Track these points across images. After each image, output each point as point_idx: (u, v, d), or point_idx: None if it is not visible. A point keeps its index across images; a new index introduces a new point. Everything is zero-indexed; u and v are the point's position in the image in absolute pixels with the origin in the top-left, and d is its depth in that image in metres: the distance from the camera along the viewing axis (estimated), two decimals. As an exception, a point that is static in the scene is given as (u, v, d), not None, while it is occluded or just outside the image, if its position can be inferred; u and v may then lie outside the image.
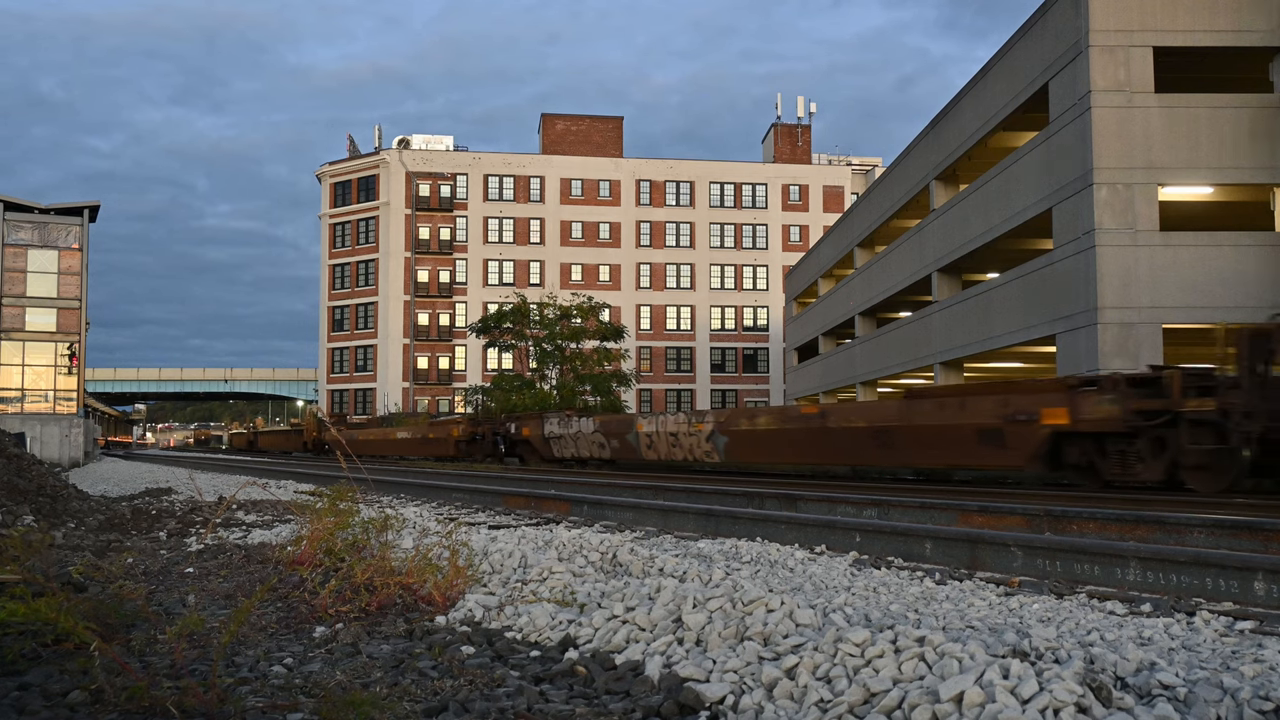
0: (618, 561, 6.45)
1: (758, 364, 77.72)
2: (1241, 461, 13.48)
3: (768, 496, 12.59)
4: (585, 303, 50.38)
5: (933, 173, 32.28)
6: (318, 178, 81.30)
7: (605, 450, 28.35)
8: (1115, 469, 14.49)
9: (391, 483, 18.22)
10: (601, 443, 28.48)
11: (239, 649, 4.27)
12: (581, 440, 29.50)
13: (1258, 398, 13.06)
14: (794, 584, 6.25)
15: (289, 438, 66.59)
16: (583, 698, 3.53)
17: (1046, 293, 24.53)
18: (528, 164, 77.47)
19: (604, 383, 48.10)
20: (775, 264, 78.02)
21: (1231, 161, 22.18)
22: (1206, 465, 13.64)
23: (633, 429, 26.82)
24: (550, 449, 31.11)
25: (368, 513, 6.87)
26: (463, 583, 5.42)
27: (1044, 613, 5.22)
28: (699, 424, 24.11)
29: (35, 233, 43.76)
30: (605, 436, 28.25)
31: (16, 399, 43.68)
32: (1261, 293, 21.86)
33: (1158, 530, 8.06)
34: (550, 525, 10.50)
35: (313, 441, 57.93)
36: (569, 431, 30.16)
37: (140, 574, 6.71)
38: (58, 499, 12.37)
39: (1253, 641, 4.44)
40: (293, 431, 67.45)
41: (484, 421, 37.37)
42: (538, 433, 31.88)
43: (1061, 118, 23.62)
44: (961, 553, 7.17)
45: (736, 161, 79.76)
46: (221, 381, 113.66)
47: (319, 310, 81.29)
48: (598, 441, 28.66)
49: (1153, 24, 22.53)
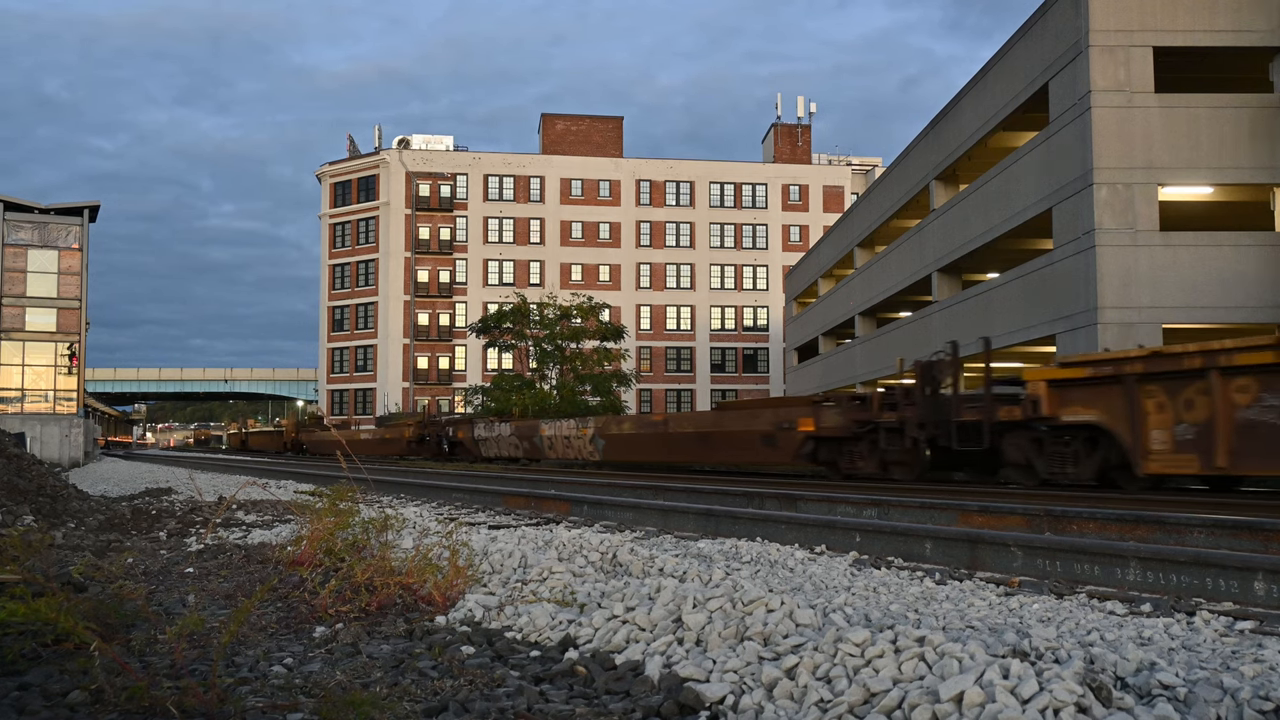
0: (618, 561, 6.45)
1: (758, 364, 77.73)
2: (924, 458, 17.93)
3: (767, 496, 12.59)
4: (585, 303, 50.36)
5: (933, 173, 32.28)
6: (318, 178, 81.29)
7: (519, 450, 33.31)
8: (847, 463, 19.30)
9: (391, 483, 18.22)
10: (516, 443, 33.45)
11: (239, 649, 4.27)
12: (502, 441, 34.51)
13: (928, 412, 17.39)
14: (794, 584, 6.25)
15: (273, 438, 72.51)
16: (583, 698, 3.53)
17: (1046, 293, 24.53)
18: (528, 164, 77.46)
19: (604, 383, 48.07)
20: (775, 264, 78.02)
21: (1231, 161, 22.18)
22: (902, 461, 18.16)
23: (538, 433, 31.71)
24: (479, 449, 36.12)
25: (368, 513, 6.86)
26: (463, 583, 5.42)
27: (1044, 613, 5.22)
28: (584, 429, 28.96)
29: (35, 233, 43.75)
30: (518, 439, 33.26)
31: (16, 399, 43.68)
32: (1261, 293, 21.87)
33: (1158, 530, 8.06)
34: (550, 525, 10.50)
35: (291, 441, 64.08)
36: (492, 434, 35.21)
37: (140, 574, 6.71)
38: (58, 499, 12.37)
39: (1253, 641, 4.44)
40: (276, 432, 73.49)
41: (429, 425, 42.59)
42: (469, 435, 37.02)
43: (1061, 118, 23.62)
44: (961, 553, 7.17)
45: (736, 161, 79.77)
46: (221, 381, 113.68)
47: (319, 310, 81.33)
48: (513, 443, 33.65)
49: (1153, 24, 22.53)
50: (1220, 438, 13.06)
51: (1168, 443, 13.71)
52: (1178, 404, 13.63)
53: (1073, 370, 14.98)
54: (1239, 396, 12.94)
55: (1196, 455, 13.44)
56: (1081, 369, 14.85)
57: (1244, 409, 12.86)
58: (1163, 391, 13.78)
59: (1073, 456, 15.21)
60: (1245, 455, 12.93)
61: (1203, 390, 13.26)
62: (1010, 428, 16.02)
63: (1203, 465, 13.40)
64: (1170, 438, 13.69)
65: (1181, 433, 13.58)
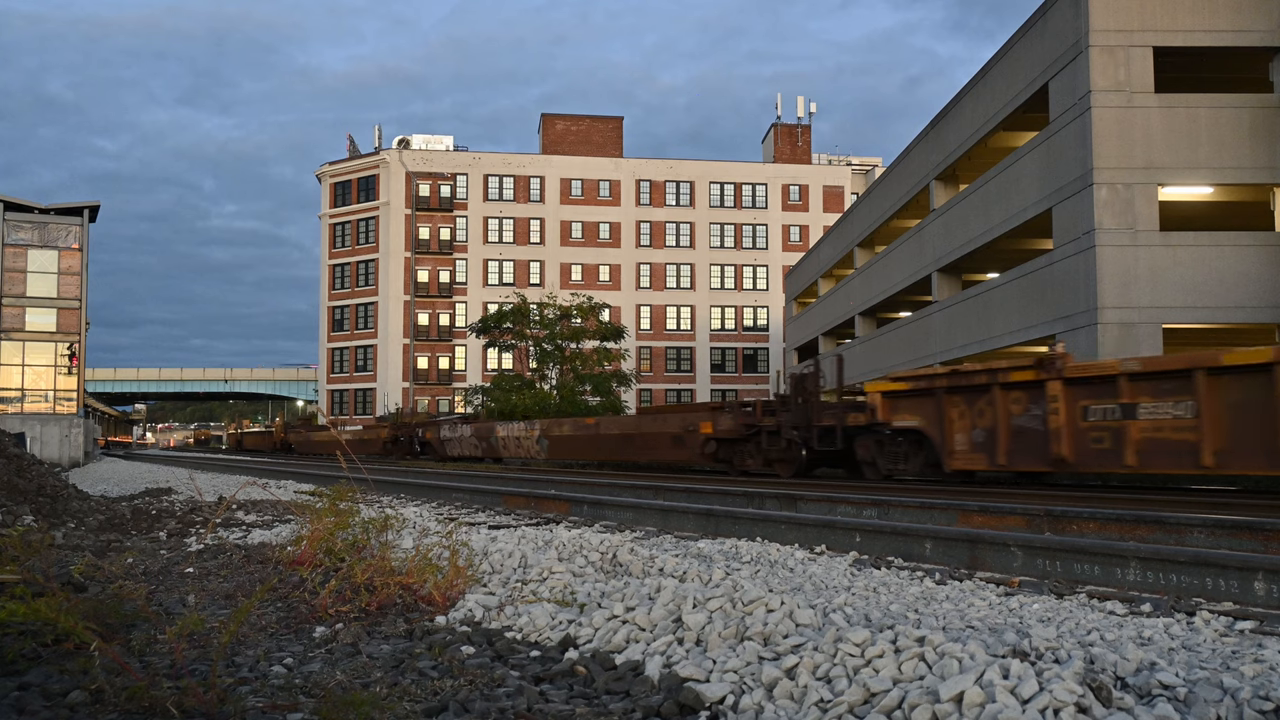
0: (618, 561, 6.45)
1: (758, 364, 77.72)
2: (801, 456, 20.28)
3: (768, 496, 12.59)
4: (585, 303, 50.34)
5: (933, 173, 32.28)
6: (318, 178, 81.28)
7: (478, 449, 36.42)
8: (740, 460, 22.25)
9: (392, 483, 18.22)
10: (475, 443, 36.54)
11: (239, 649, 4.27)
12: (464, 442, 37.54)
13: (797, 417, 20.22)
14: (794, 584, 6.25)
15: (265, 438, 77.04)
16: (583, 698, 3.53)
17: (1046, 293, 24.52)
18: (528, 164, 77.45)
19: (604, 383, 48.04)
20: (775, 264, 78.01)
21: (1231, 161, 22.17)
22: (782, 458, 20.80)
23: (494, 433, 34.86)
24: (445, 449, 39.11)
25: (368, 513, 6.86)
26: (463, 583, 5.42)
27: (1044, 613, 5.22)
28: (531, 431, 32.45)
29: (35, 233, 43.74)
30: (477, 439, 36.37)
31: (16, 399, 43.67)
32: (1261, 293, 21.86)
33: (1158, 530, 8.06)
34: (550, 525, 10.50)
35: (280, 442, 68.05)
36: (455, 435, 38.35)
37: (140, 574, 6.70)
38: (58, 499, 12.37)
39: (1253, 641, 4.44)
40: (267, 433, 78.68)
41: (401, 427, 46.21)
42: (436, 436, 40.20)
43: (1061, 118, 23.61)
44: (961, 553, 7.17)
45: (737, 161, 79.77)
46: (221, 381, 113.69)
47: (319, 310, 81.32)
48: (473, 443, 36.73)
49: (1153, 24, 22.52)
50: (1001, 439, 15.84)
51: (966, 443, 16.51)
52: (973, 413, 16.43)
53: (900, 384, 17.87)
54: (1014, 407, 15.73)
55: (985, 454, 16.17)
56: (905, 383, 17.76)
57: (1017, 417, 15.69)
58: (962, 402, 16.58)
59: (904, 455, 17.99)
60: (1018, 453, 15.61)
61: (989, 402, 16.08)
62: (859, 431, 18.86)
63: (989, 462, 16.13)
64: (968, 440, 16.49)
65: (975, 436, 16.39)
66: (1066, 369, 14.91)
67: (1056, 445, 14.91)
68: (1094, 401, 14.58)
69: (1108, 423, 14.33)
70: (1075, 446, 14.77)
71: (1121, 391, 14.14)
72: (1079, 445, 14.74)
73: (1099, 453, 14.44)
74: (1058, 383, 14.94)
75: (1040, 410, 15.25)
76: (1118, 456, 14.18)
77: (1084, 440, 14.69)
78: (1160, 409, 13.71)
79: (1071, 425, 14.78)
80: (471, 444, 36.89)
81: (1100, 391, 14.52)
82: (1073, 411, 14.79)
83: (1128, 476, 16.39)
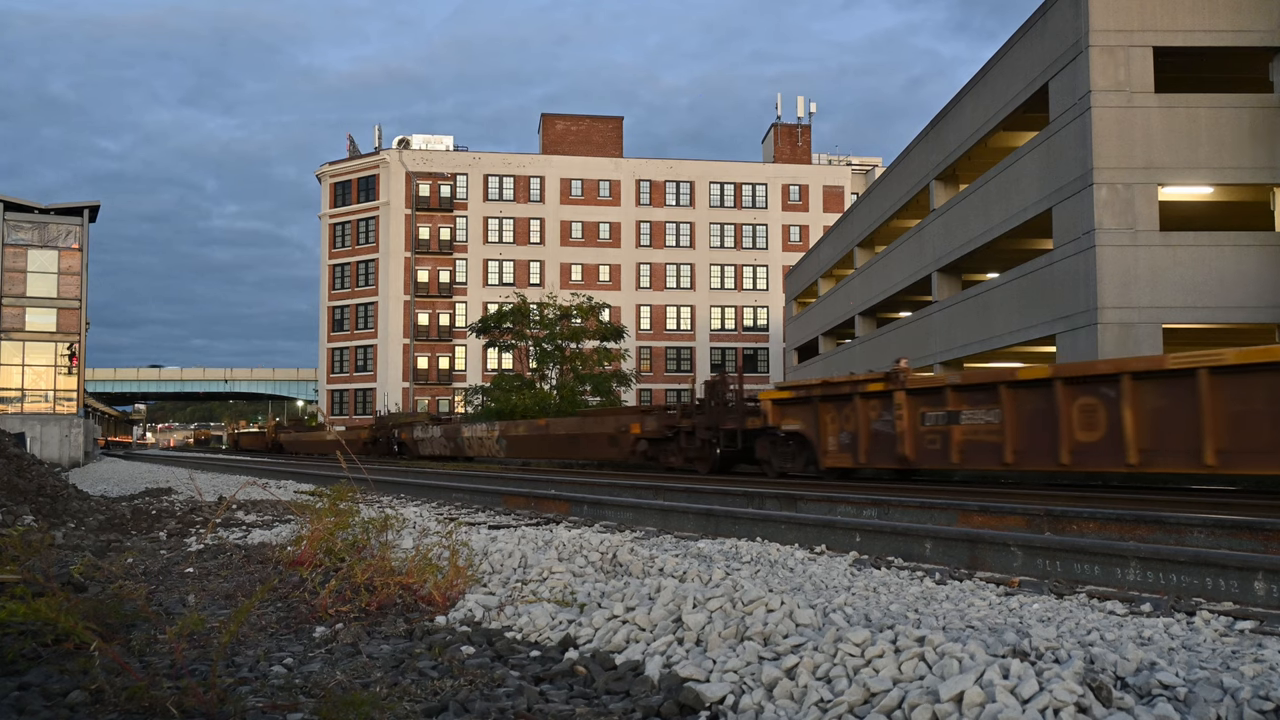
0: (618, 561, 6.45)
1: (758, 364, 77.72)
2: (715, 455, 22.40)
3: (767, 496, 12.59)
4: (585, 303, 50.34)
5: (933, 173, 32.27)
6: (318, 178, 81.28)
7: (446, 449, 39.38)
8: (664, 458, 24.59)
9: (392, 483, 18.22)
10: (444, 443, 39.49)
11: (239, 649, 4.27)
12: (435, 442, 40.48)
13: (713, 419, 22.32)
14: (794, 584, 6.25)
15: (258, 438, 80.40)
16: (583, 698, 3.53)
17: (1046, 293, 24.52)
18: (528, 164, 77.44)
19: (604, 383, 48.06)
20: (775, 264, 78.02)
21: (1231, 161, 22.17)
22: (699, 457, 23.14)
23: (460, 434, 37.97)
24: (418, 448, 42.07)
25: (368, 513, 6.86)
26: (463, 583, 5.42)
27: (1044, 612, 5.22)
28: (492, 431, 35.55)
29: (35, 233, 43.73)
30: (446, 439, 39.41)
31: (16, 399, 43.66)
32: (1261, 292, 21.85)
33: (1158, 530, 8.06)
34: (550, 525, 10.50)
35: (271, 442, 71.21)
36: (427, 435, 41.40)
37: (140, 574, 6.70)
38: (57, 499, 12.37)
39: (1253, 641, 4.44)
40: (260, 433, 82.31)
41: (381, 429, 49.06)
42: (410, 436, 43.23)
43: (1061, 118, 23.61)
44: (961, 553, 7.17)
45: (737, 161, 79.76)
46: (221, 381, 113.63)
47: (319, 310, 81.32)
48: (442, 443, 39.79)
49: (1153, 24, 22.52)
50: (862, 441, 18.16)
51: (836, 445, 18.84)
52: (841, 418, 18.72)
53: (786, 393, 20.28)
54: (872, 414, 18.07)
55: (850, 454, 18.50)
56: (790, 392, 20.20)
57: (874, 422, 17.99)
58: (833, 409, 18.86)
59: (792, 454, 20.07)
60: (875, 453, 18.00)
61: (853, 409, 18.36)
62: (757, 433, 20.98)
63: (853, 461, 18.49)
64: (838, 441, 18.80)
65: (843, 438, 18.67)
66: (909, 381, 17.30)
67: (902, 446, 17.21)
68: (930, 409, 16.92)
69: (939, 427, 16.75)
70: (916, 447, 17.10)
71: (948, 401, 16.51)
72: (918, 446, 17.07)
73: (932, 452, 16.81)
74: (902, 393, 17.27)
75: (890, 417, 17.58)
76: (945, 456, 16.56)
77: (922, 442, 17.02)
78: (976, 416, 16.13)
79: (913, 429, 17.16)
80: (441, 444, 39.82)
81: (934, 401, 16.84)
82: (914, 418, 17.18)
83: (1127, 476, 16.66)
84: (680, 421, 23.90)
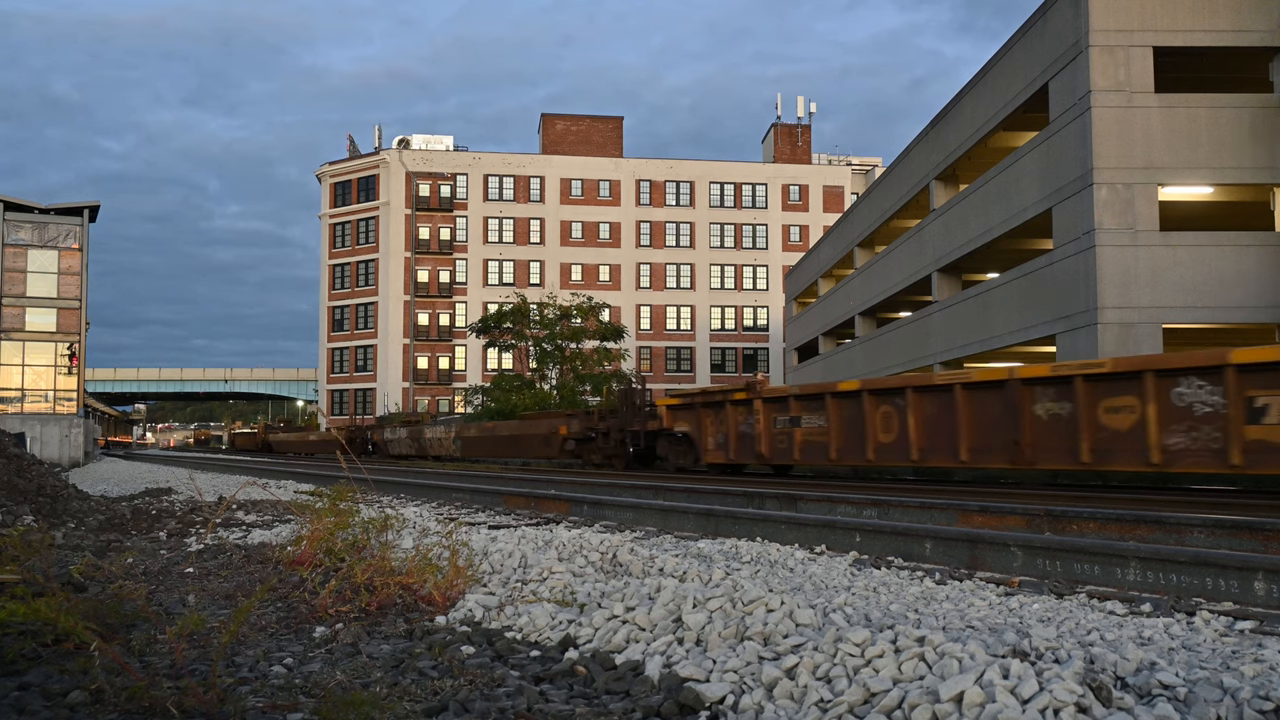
0: (618, 561, 6.45)
1: (758, 364, 77.72)
2: (629, 453, 25.73)
3: (768, 496, 12.59)
4: (585, 303, 50.35)
5: (933, 173, 32.27)
6: (318, 178, 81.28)
7: (411, 448, 42.71)
8: (587, 456, 27.91)
9: (392, 483, 18.22)
10: (410, 444, 42.94)
11: (239, 649, 4.27)
12: (401, 442, 43.98)
13: (624, 421, 25.90)
14: (794, 584, 6.25)
15: (252, 438, 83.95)
16: (583, 698, 3.53)
17: (1046, 293, 24.52)
18: (528, 164, 77.44)
19: (604, 383, 48.03)
20: (775, 264, 78.01)
21: (1231, 161, 22.17)
22: (615, 455, 26.49)
23: (423, 435, 41.40)
24: (388, 448, 45.40)
25: (368, 513, 6.86)
26: (463, 583, 5.41)
27: (1044, 613, 5.22)
28: (449, 433, 39.07)
29: (35, 233, 43.73)
30: (410, 440, 42.83)
31: (16, 399, 43.66)
32: (1261, 292, 21.85)
33: (1158, 530, 8.06)
34: (550, 525, 10.50)
35: (262, 442, 74.46)
36: (395, 437, 44.97)
37: (140, 574, 6.70)
38: (57, 499, 12.37)
39: (1253, 641, 4.44)
40: (253, 433, 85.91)
41: (356, 430, 52.42)
42: (381, 437, 46.95)
43: (1061, 118, 23.61)
44: (961, 553, 7.17)
45: (737, 161, 79.76)
46: (221, 381, 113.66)
47: (319, 310, 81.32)
48: (408, 443, 43.12)
49: (1153, 24, 22.52)
50: (732, 441, 21.32)
51: (713, 444, 22.02)
52: (717, 422, 21.88)
53: (676, 400, 23.63)
54: (739, 418, 21.18)
55: (723, 452, 21.62)
56: (678, 399, 23.57)
57: (740, 425, 21.11)
58: (711, 414, 22.07)
59: (683, 452, 23.29)
60: (741, 451, 21.07)
61: (724, 415, 21.55)
62: (657, 434, 24.40)
63: (725, 458, 21.58)
64: (715, 441, 21.96)
65: (718, 438, 21.84)
66: (764, 392, 20.58)
67: (759, 446, 20.45)
68: (779, 415, 20.13)
69: (785, 429, 19.92)
70: (770, 446, 20.30)
71: (792, 409, 19.67)
72: (772, 445, 20.26)
73: (781, 450, 20.04)
74: (759, 401, 20.48)
75: (751, 420, 20.73)
76: (790, 453, 19.77)
77: (774, 442, 20.21)
78: (812, 420, 19.31)
79: (768, 431, 20.32)
80: (407, 444, 43.42)
81: (782, 408, 20.01)
82: (769, 422, 20.34)
83: (1127, 477, 16.79)
84: (599, 424, 27.50)
